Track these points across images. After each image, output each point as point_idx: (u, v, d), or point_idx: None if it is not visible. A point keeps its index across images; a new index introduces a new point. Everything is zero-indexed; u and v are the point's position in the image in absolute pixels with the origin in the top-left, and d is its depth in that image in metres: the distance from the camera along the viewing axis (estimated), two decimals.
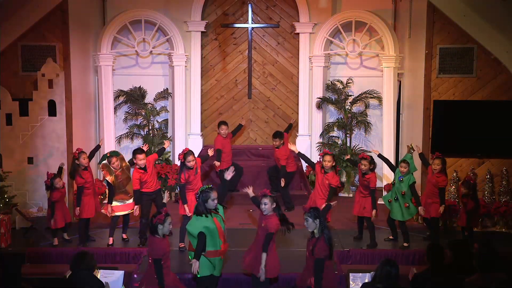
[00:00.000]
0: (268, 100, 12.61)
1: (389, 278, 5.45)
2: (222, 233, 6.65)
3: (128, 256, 8.31)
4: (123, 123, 12.01)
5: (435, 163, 8.57)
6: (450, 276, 5.75)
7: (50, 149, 9.51)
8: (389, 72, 11.21)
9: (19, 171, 9.45)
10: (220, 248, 6.64)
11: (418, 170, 9.13)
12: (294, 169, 10.61)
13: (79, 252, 6.06)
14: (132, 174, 8.66)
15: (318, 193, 8.54)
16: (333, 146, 11.62)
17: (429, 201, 8.62)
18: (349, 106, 11.66)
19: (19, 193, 9.39)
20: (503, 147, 9.72)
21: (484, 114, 9.74)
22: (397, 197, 8.66)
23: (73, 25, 10.03)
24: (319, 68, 11.71)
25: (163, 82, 12.11)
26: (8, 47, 9.64)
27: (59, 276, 6.79)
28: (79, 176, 8.53)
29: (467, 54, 9.79)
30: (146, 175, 8.58)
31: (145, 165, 8.54)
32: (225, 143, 10.35)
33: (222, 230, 6.67)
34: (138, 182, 8.51)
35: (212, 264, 6.61)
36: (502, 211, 9.40)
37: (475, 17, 9.28)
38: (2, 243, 8.47)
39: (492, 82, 9.78)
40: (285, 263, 7.54)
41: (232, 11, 12.42)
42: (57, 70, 9.47)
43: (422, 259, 6.08)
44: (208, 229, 6.48)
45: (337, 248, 8.51)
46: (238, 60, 12.55)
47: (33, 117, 9.45)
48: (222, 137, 10.35)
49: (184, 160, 8.20)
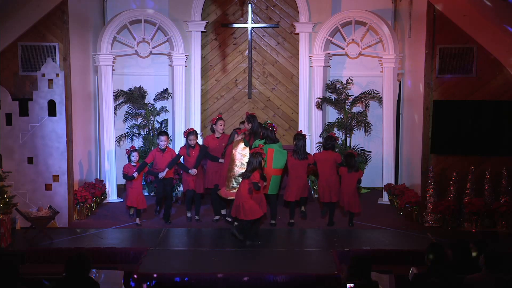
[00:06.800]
0: (268, 100, 12.62)
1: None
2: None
3: (128, 256, 8.31)
4: (123, 123, 12.01)
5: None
6: (450, 276, 5.75)
7: (50, 149, 9.51)
8: (389, 72, 11.21)
9: (19, 171, 9.45)
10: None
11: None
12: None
13: (74, 253, 6.03)
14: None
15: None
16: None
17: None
18: (349, 106, 11.66)
19: (19, 193, 9.39)
20: (503, 147, 9.72)
21: (484, 114, 9.74)
22: None
23: (73, 25, 10.02)
24: (319, 68, 11.71)
25: (163, 82, 12.11)
26: (8, 47, 9.62)
27: (58, 276, 6.79)
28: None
29: (467, 54, 9.78)
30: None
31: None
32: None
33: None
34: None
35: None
36: (502, 211, 9.39)
37: (475, 17, 9.27)
38: (2, 243, 8.47)
39: (492, 82, 9.77)
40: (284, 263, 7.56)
41: (232, 11, 12.43)
42: (57, 70, 9.47)
43: (422, 259, 6.07)
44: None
45: (337, 248, 8.54)
46: (238, 60, 12.55)
47: (33, 117, 9.44)
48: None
49: (187, 138, 9.69)
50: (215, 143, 9.85)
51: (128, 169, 9.64)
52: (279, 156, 9.36)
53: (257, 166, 8.48)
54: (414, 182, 10.61)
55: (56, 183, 9.52)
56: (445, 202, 9.55)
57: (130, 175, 9.55)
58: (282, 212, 10.13)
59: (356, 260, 5.69)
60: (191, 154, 9.76)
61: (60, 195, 9.54)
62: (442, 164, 9.90)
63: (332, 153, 9.64)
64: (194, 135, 9.75)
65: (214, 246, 8.79)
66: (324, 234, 9.35)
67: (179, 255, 8.36)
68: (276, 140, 9.53)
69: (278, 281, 7.44)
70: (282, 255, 8.39)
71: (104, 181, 11.19)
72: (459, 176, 9.72)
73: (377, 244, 8.79)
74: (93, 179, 11.29)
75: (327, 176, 9.55)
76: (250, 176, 8.45)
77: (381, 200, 11.32)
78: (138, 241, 9.04)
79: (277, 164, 9.36)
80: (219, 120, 9.91)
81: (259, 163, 8.50)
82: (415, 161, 10.55)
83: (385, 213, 10.55)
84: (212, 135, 9.96)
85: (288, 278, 7.47)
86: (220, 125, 9.86)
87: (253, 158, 8.55)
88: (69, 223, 9.65)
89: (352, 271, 5.57)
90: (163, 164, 9.72)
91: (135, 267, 7.73)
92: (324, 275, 7.54)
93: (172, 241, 9.04)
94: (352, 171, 9.47)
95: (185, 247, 8.79)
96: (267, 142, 9.37)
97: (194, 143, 9.77)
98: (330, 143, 9.67)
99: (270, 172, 9.29)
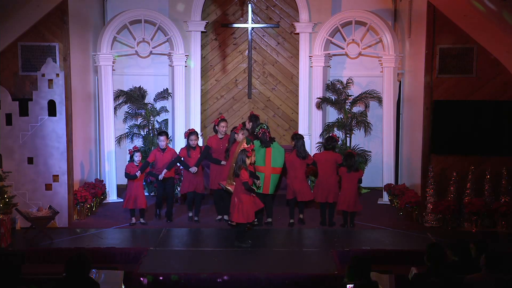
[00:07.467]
0: (268, 100, 12.62)
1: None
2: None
3: (128, 256, 8.31)
4: (123, 123, 12.01)
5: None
6: (450, 276, 5.75)
7: (50, 149, 9.51)
8: (389, 72, 11.22)
9: (19, 171, 9.45)
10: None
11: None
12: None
13: (74, 253, 6.04)
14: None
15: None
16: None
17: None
18: (349, 106, 11.66)
19: (19, 193, 9.38)
20: (503, 147, 9.72)
21: (484, 114, 9.74)
22: None
23: (73, 25, 10.02)
24: (319, 68, 11.70)
25: (163, 82, 12.11)
26: (8, 47, 9.62)
27: (58, 276, 6.79)
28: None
29: (467, 54, 9.78)
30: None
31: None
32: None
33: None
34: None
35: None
36: (502, 211, 9.39)
37: (475, 17, 9.27)
38: (2, 243, 8.47)
39: (492, 82, 9.77)
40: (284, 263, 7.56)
41: (232, 11, 12.43)
42: (57, 70, 9.46)
43: (422, 259, 6.07)
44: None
45: (337, 248, 8.54)
46: (238, 60, 12.55)
47: (33, 117, 9.44)
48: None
49: (188, 138, 9.76)
50: (218, 144, 9.86)
51: (131, 168, 9.65)
52: (277, 154, 9.38)
53: (240, 163, 8.50)
54: (414, 182, 10.61)
55: (56, 183, 9.52)
56: (445, 202, 9.54)
57: (132, 175, 9.55)
58: (282, 212, 10.14)
59: (356, 260, 5.69)
60: (191, 155, 9.76)
61: (60, 195, 9.53)
62: (442, 164, 9.90)
63: (332, 153, 9.65)
64: (195, 136, 9.82)
65: (214, 246, 8.79)
66: (324, 234, 9.35)
67: (179, 255, 8.36)
68: (271, 142, 9.51)
69: (278, 281, 7.44)
70: (282, 255, 8.39)
71: (104, 181, 11.19)
72: (459, 176, 9.71)
73: (377, 244, 8.78)
74: (93, 179, 11.29)
75: (327, 176, 9.55)
76: (239, 174, 8.47)
77: (381, 200, 11.33)
78: (138, 241, 9.04)
79: (275, 162, 9.36)
80: (221, 122, 9.92)
81: (242, 160, 8.51)
82: (415, 161, 10.55)
83: (385, 213, 10.55)
84: (216, 136, 9.99)
85: (288, 278, 7.48)
86: (222, 127, 9.86)
87: (238, 155, 8.60)
88: (69, 223, 9.65)
89: (352, 271, 5.57)
90: (163, 164, 9.74)
91: (135, 267, 7.73)
92: (324, 275, 7.55)
93: (172, 241, 9.04)
94: (352, 171, 9.47)
95: (185, 247, 8.78)
96: (262, 146, 9.39)
97: (195, 144, 9.82)
98: (331, 144, 9.68)
99: (269, 171, 9.30)
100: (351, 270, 5.60)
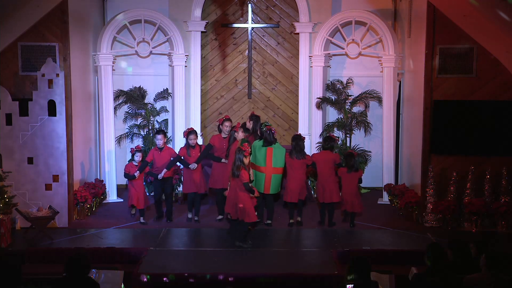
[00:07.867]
0: (268, 100, 12.62)
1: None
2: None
3: (128, 256, 8.31)
4: (123, 123, 12.01)
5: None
6: (450, 276, 5.75)
7: (50, 149, 9.51)
8: (389, 72, 11.21)
9: (19, 171, 9.45)
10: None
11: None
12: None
13: (74, 253, 6.04)
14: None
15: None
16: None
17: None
18: (349, 106, 11.66)
19: (19, 193, 9.39)
20: (503, 147, 9.72)
21: (484, 114, 9.74)
22: None
23: (73, 25, 10.02)
24: (319, 68, 11.70)
25: (163, 82, 12.11)
26: (8, 47, 9.62)
27: (58, 276, 6.79)
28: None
29: (467, 54, 9.78)
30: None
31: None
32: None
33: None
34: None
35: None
36: (502, 211, 9.39)
37: (475, 17, 9.27)
38: (2, 243, 8.47)
39: (492, 82, 9.76)
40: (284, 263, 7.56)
41: (232, 11, 12.43)
42: (57, 70, 9.46)
43: (422, 259, 6.07)
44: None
45: (337, 248, 8.54)
46: (238, 60, 12.55)
47: (33, 117, 9.44)
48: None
49: (187, 137, 9.77)
50: (221, 143, 9.87)
51: (130, 168, 9.64)
52: (278, 154, 9.38)
53: (238, 163, 8.50)
54: (414, 182, 10.61)
55: (56, 183, 9.52)
56: (445, 202, 9.55)
57: (131, 175, 9.55)
58: (282, 212, 10.14)
59: (356, 260, 5.69)
60: (191, 154, 9.76)
61: (60, 195, 9.53)
62: (442, 164, 9.90)
63: (331, 153, 9.65)
64: (194, 135, 9.83)
65: (214, 246, 8.79)
66: (324, 234, 9.35)
67: (179, 255, 8.36)
68: (274, 142, 9.54)
69: (278, 281, 7.44)
70: (282, 255, 8.40)
71: (104, 181, 11.19)
72: (459, 176, 9.71)
73: (377, 244, 8.79)
74: (93, 179, 11.29)
75: (325, 176, 9.55)
76: (238, 174, 8.46)
77: (381, 200, 11.33)
78: (138, 241, 9.04)
79: (276, 162, 9.37)
80: (226, 121, 9.94)
81: (240, 160, 8.52)
82: (415, 161, 10.55)
83: (385, 213, 10.55)
84: (219, 135, 9.99)
85: (288, 278, 7.48)
86: (226, 126, 9.87)
87: (236, 155, 8.61)
88: (69, 223, 9.65)
89: (352, 271, 5.57)
90: (161, 163, 9.73)
91: (135, 267, 7.73)
92: (324, 275, 7.55)
93: (172, 241, 9.04)
94: (352, 171, 9.47)
95: (185, 247, 8.79)
96: (264, 145, 9.40)
97: (195, 143, 9.83)
98: (329, 144, 9.68)
99: (270, 171, 9.30)
100: (351, 270, 5.60)
